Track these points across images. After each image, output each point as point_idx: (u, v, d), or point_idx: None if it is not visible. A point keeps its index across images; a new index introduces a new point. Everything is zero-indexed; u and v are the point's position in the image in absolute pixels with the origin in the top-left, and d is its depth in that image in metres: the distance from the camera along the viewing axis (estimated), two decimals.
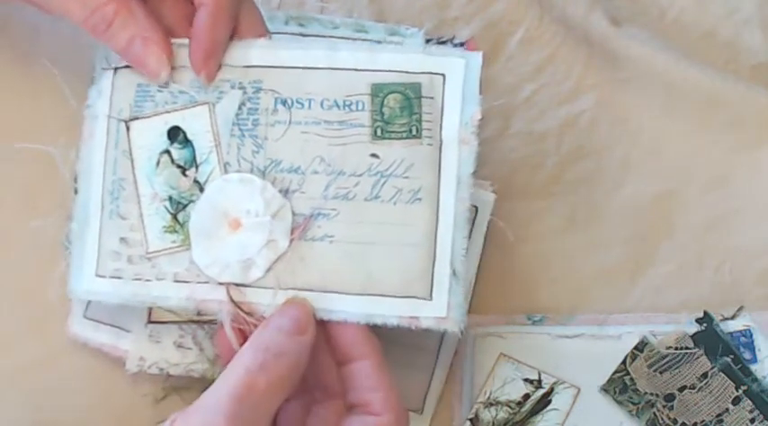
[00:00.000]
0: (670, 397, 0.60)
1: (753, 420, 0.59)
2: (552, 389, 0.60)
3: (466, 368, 0.61)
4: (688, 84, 0.66)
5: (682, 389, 0.60)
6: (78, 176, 0.57)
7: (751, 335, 0.61)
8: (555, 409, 0.60)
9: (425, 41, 0.61)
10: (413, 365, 0.60)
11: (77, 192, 0.57)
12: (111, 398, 0.60)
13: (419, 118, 0.54)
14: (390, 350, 0.56)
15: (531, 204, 0.64)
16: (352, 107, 0.55)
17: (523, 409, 0.60)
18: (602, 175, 0.65)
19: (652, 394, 0.60)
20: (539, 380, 0.60)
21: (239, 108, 0.55)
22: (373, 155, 0.54)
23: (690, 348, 0.60)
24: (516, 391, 0.60)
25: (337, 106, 0.55)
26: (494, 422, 0.60)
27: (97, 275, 0.55)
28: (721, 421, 0.59)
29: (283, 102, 0.55)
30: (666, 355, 0.60)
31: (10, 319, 0.61)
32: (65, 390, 0.60)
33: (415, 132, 0.54)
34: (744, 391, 0.59)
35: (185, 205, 0.55)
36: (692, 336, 0.60)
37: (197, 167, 0.55)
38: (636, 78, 0.66)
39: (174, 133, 0.56)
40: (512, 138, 0.65)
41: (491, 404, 0.60)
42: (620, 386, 0.60)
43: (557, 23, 0.67)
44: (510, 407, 0.60)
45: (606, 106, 0.66)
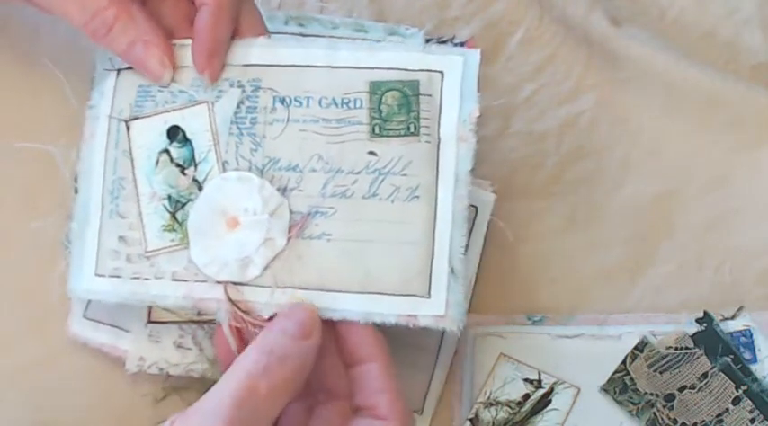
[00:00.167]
0: (670, 397, 0.60)
1: (753, 420, 0.59)
2: (552, 389, 0.60)
3: (466, 368, 0.61)
4: (688, 84, 0.66)
5: (682, 389, 0.60)
6: (79, 176, 0.57)
7: (751, 335, 0.61)
8: (555, 409, 0.60)
9: (425, 41, 0.61)
10: (413, 365, 0.60)
11: (77, 192, 0.57)
12: (111, 398, 0.60)
13: (417, 115, 0.54)
14: (390, 350, 0.56)
15: (531, 204, 0.64)
16: (351, 105, 0.55)
17: (523, 409, 0.60)
18: (602, 175, 0.65)
19: (652, 394, 0.60)
20: (539, 380, 0.60)
21: (238, 106, 0.55)
22: (371, 152, 0.54)
23: (690, 348, 0.60)
24: (516, 391, 0.60)
25: (335, 104, 0.55)
26: (494, 422, 0.60)
27: (96, 274, 0.55)
28: (721, 421, 0.59)
29: (282, 101, 0.55)
30: (666, 355, 0.60)
31: (10, 319, 0.61)
32: (65, 390, 0.60)
33: (413, 130, 0.54)
34: (744, 391, 0.59)
35: (184, 204, 0.55)
36: (692, 336, 0.60)
37: (196, 166, 0.55)
38: (636, 78, 0.66)
39: (174, 132, 0.56)
40: (512, 138, 0.65)
41: (491, 404, 0.60)
42: (620, 386, 0.60)
43: (557, 23, 0.67)
44: (510, 407, 0.60)
45: (606, 106, 0.66)
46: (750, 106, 0.65)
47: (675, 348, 0.60)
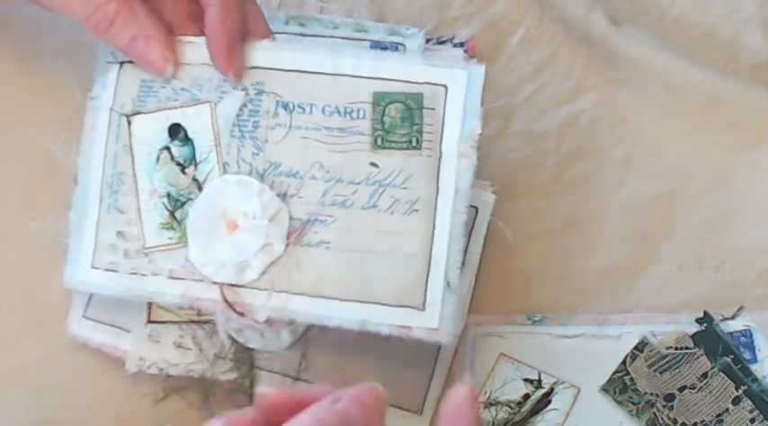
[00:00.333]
0: (670, 397, 0.59)
1: (753, 420, 0.59)
2: (552, 389, 0.60)
3: (466, 368, 0.61)
4: (688, 84, 0.65)
5: (682, 389, 0.60)
6: (78, 168, 0.57)
7: (751, 335, 0.60)
8: (555, 409, 0.60)
9: (425, 41, 0.61)
10: (413, 365, 0.60)
11: (77, 183, 0.57)
12: (111, 398, 0.60)
13: (420, 129, 0.54)
14: (390, 350, 0.56)
15: (531, 204, 0.64)
16: (354, 115, 0.55)
17: (523, 409, 0.60)
18: (602, 175, 0.65)
19: (652, 394, 0.60)
20: (539, 380, 0.60)
21: (240, 109, 0.55)
22: (372, 163, 0.54)
23: (690, 348, 0.60)
24: (516, 391, 0.60)
25: (338, 113, 0.55)
26: (494, 422, 0.60)
27: (93, 267, 0.56)
28: (721, 421, 0.59)
29: (284, 106, 0.55)
30: (666, 355, 0.60)
31: (10, 319, 0.61)
32: (65, 390, 0.60)
33: (414, 143, 0.54)
34: (744, 391, 0.59)
35: (183, 202, 0.55)
36: (692, 336, 0.60)
37: (196, 166, 0.55)
38: (636, 78, 0.66)
39: (175, 130, 0.56)
40: (512, 138, 0.65)
41: (491, 404, 0.60)
42: (620, 386, 0.60)
43: (557, 23, 0.67)
44: (510, 407, 0.60)
45: (606, 106, 0.66)
46: (750, 106, 0.65)
47: (675, 348, 0.60)
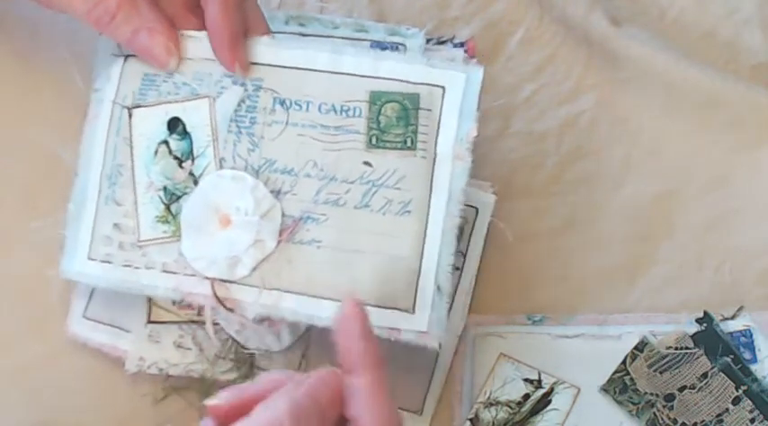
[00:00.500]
0: (670, 397, 0.59)
1: (753, 420, 0.59)
2: (552, 389, 0.60)
3: (466, 368, 0.61)
4: (688, 84, 0.65)
5: (682, 389, 0.59)
6: (79, 158, 0.57)
7: (751, 335, 0.60)
8: (555, 409, 0.60)
9: (426, 41, 0.61)
10: (413, 365, 0.60)
11: (77, 174, 0.57)
12: (111, 398, 0.60)
13: (415, 129, 0.54)
14: (390, 351, 0.56)
15: (531, 204, 0.64)
16: (350, 113, 0.55)
17: (523, 409, 0.60)
18: (602, 175, 0.65)
19: (652, 394, 0.60)
20: (539, 380, 0.60)
21: (238, 105, 0.56)
22: (366, 163, 0.54)
23: (690, 348, 0.60)
24: (516, 391, 0.60)
25: (335, 111, 0.55)
26: (494, 422, 0.60)
27: (89, 258, 0.56)
28: (721, 421, 0.59)
29: (282, 103, 0.55)
30: (666, 355, 0.60)
31: (10, 319, 0.61)
32: (65, 390, 0.60)
33: (409, 144, 0.54)
34: (744, 391, 0.59)
35: (179, 196, 0.55)
36: (692, 336, 0.60)
37: (193, 160, 0.56)
38: (636, 78, 0.66)
39: (174, 124, 0.56)
40: (512, 138, 0.65)
41: (491, 404, 0.60)
42: (620, 386, 0.60)
43: (557, 23, 0.67)
44: (510, 407, 0.60)
45: (606, 106, 0.66)
46: (750, 106, 0.65)
47: (675, 348, 0.60)
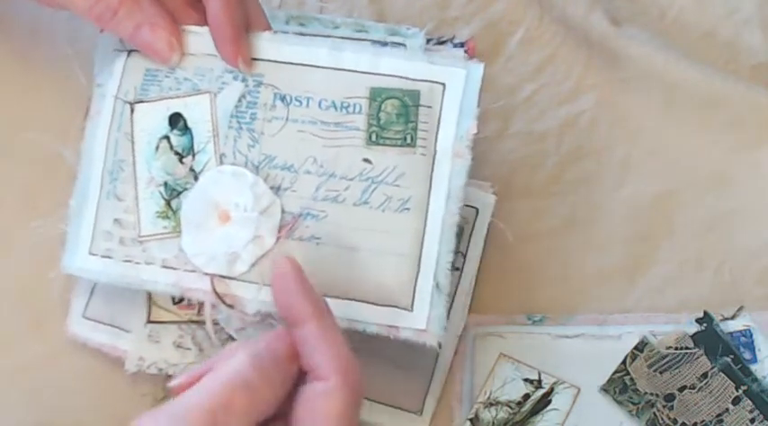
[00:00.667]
0: (670, 397, 0.59)
1: (753, 420, 0.59)
2: (552, 389, 0.60)
3: (466, 368, 0.61)
4: (688, 84, 0.66)
5: (682, 389, 0.59)
6: (81, 154, 0.57)
7: (751, 335, 0.60)
8: (555, 409, 0.60)
9: (426, 41, 0.61)
10: (412, 365, 0.60)
11: (79, 170, 0.57)
12: (111, 398, 0.60)
13: (415, 126, 0.54)
14: (390, 351, 0.56)
15: (531, 204, 0.64)
16: (350, 109, 0.55)
17: (523, 409, 0.60)
18: (602, 175, 0.65)
19: (652, 394, 0.60)
20: (539, 380, 0.60)
21: (239, 100, 0.56)
22: (366, 159, 0.54)
23: (690, 348, 0.60)
24: (516, 391, 0.60)
25: (335, 107, 0.55)
26: (494, 422, 0.60)
27: (90, 253, 0.56)
28: (721, 421, 0.59)
29: (282, 99, 0.55)
30: (666, 355, 0.60)
31: (10, 319, 0.61)
32: (65, 390, 0.60)
33: (409, 141, 0.54)
34: (744, 391, 0.59)
35: (179, 192, 0.56)
36: (692, 336, 0.60)
37: (194, 156, 0.56)
38: (636, 78, 0.66)
39: (175, 119, 0.56)
40: (512, 139, 0.65)
41: (491, 404, 0.60)
42: (620, 386, 0.60)
43: (557, 23, 0.67)
44: (510, 407, 0.60)
45: (606, 106, 0.66)
46: (750, 106, 0.65)
47: (675, 348, 0.60)
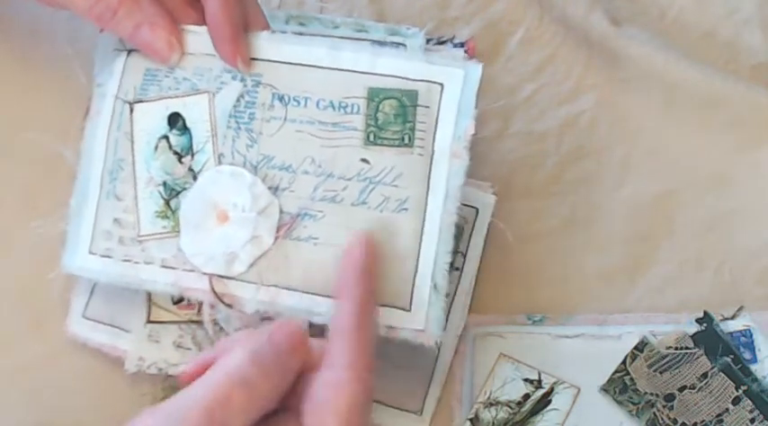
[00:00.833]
0: (670, 397, 0.59)
1: (753, 420, 0.59)
2: (552, 389, 0.60)
3: (466, 367, 0.61)
4: (688, 84, 0.65)
5: (682, 389, 0.59)
6: (81, 154, 0.57)
7: (751, 335, 0.60)
8: (555, 409, 0.60)
9: (426, 41, 0.61)
10: (412, 365, 0.60)
11: (79, 170, 0.57)
12: (111, 398, 0.60)
13: (413, 126, 0.54)
14: (389, 351, 0.56)
15: (531, 204, 0.64)
16: (348, 109, 0.55)
17: (523, 409, 0.60)
18: (602, 175, 0.65)
19: (652, 394, 0.60)
20: (539, 380, 0.60)
21: (237, 100, 0.56)
22: (364, 160, 0.54)
23: (690, 348, 0.60)
24: (516, 391, 0.60)
25: (333, 107, 0.55)
26: (494, 422, 0.60)
27: (90, 253, 0.56)
28: (721, 421, 0.59)
29: (280, 99, 0.55)
30: (666, 355, 0.60)
31: (10, 319, 0.61)
32: (65, 390, 0.60)
33: (407, 141, 0.54)
34: (744, 391, 0.59)
35: (178, 192, 0.56)
36: (692, 336, 0.60)
37: (193, 155, 0.56)
38: (636, 78, 0.66)
39: (174, 119, 0.56)
40: (511, 138, 0.65)
41: (491, 404, 0.60)
42: (620, 386, 0.60)
43: (557, 23, 0.67)
44: (510, 407, 0.60)
45: (606, 106, 0.66)
46: (750, 106, 0.65)
47: (675, 348, 0.60)
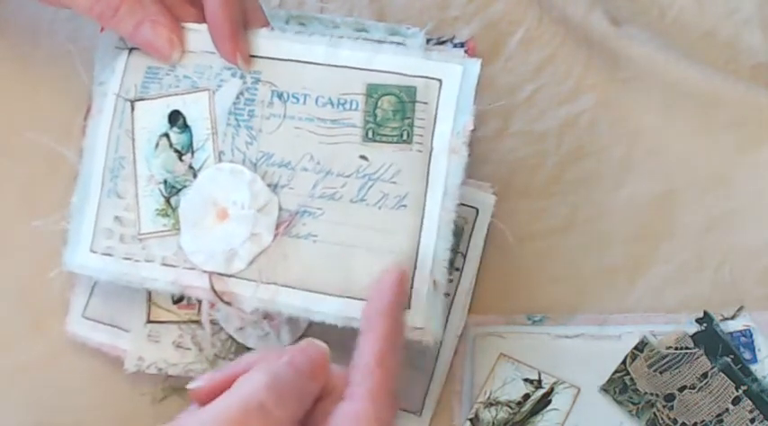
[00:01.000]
0: (670, 397, 0.59)
1: (753, 420, 0.59)
2: (552, 389, 0.60)
3: (466, 368, 0.61)
4: (688, 84, 0.65)
5: (682, 389, 0.59)
6: (83, 151, 0.57)
7: (751, 335, 0.60)
8: (555, 409, 0.60)
9: (426, 41, 0.61)
10: (412, 365, 0.60)
11: (81, 167, 0.57)
12: (111, 398, 0.60)
13: (411, 123, 0.54)
14: None
15: (531, 204, 0.64)
16: (346, 106, 0.55)
17: (523, 409, 0.60)
18: (602, 175, 0.65)
19: (652, 394, 0.60)
20: (539, 380, 0.60)
21: (237, 97, 0.56)
22: (362, 156, 0.54)
23: (690, 348, 0.60)
24: (516, 391, 0.60)
25: (331, 104, 0.55)
26: (494, 422, 0.60)
27: (91, 251, 0.56)
28: (721, 421, 0.59)
29: (279, 96, 0.55)
30: (666, 355, 0.60)
31: (10, 319, 0.61)
32: (65, 390, 0.60)
33: (405, 137, 0.54)
34: (744, 391, 0.59)
35: (179, 190, 0.56)
36: (692, 336, 0.60)
37: (193, 153, 0.56)
38: (636, 78, 0.66)
39: (175, 117, 0.56)
40: (511, 138, 0.65)
41: (491, 404, 0.60)
42: (620, 386, 0.60)
43: (557, 23, 0.67)
44: (510, 407, 0.60)
45: (606, 106, 0.66)
46: (750, 106, 0.65)
47: (675, 348, 0.60)
